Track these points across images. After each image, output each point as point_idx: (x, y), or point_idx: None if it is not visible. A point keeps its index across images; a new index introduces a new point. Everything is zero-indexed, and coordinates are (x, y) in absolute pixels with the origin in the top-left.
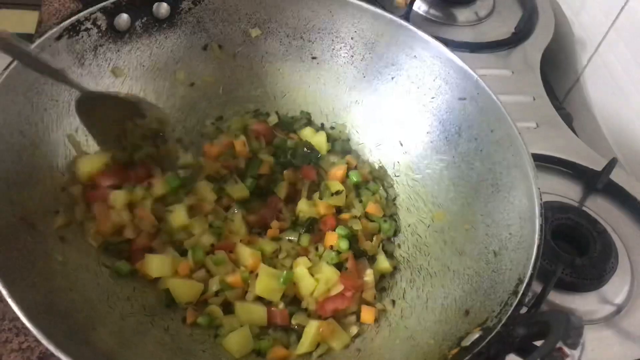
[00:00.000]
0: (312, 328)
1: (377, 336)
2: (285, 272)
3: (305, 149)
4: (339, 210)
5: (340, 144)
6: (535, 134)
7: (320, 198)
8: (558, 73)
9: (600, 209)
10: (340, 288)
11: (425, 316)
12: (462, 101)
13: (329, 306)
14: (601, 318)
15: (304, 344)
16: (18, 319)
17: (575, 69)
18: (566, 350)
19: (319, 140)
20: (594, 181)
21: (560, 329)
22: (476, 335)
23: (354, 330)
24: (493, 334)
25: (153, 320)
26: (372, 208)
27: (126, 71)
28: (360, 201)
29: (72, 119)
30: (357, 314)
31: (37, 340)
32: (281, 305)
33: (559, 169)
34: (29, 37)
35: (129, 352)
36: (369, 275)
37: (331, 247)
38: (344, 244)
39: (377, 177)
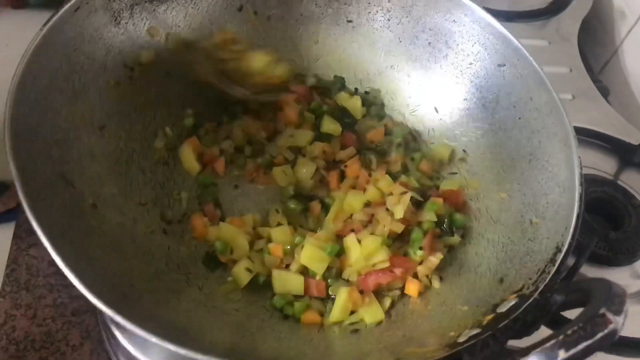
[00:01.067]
0: (343, 294)
1: (409, 302)
2: (331, 244)
3: (340, 114)
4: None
5: (375, 109)
6: (571, 105)
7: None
8: (595, 45)
9: (636, 183)
10: (386, 264)
11: (459, 283)
12: (501, 68)
13: (370, 280)
14: (633, 293)
15: (336, 311)
16: (52, 275)
17: (613, 41)
18: (609, 316)
19: (354, 105)
20: (630, 155)
21: (602, 296)
22: (512, 302)
23: (387, 302)
24: (530, 301)
25: (188, 279)
26: (425, 166)
27: (161, 31)
28: (412, 159)
29: (107, 77)
30: (402, 289)
31: (70, 296)
32: (318, 276)
33: (594, 141)
34: (61, 2)
35: (164, 309)
36: (437, 257)
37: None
38: (432, 217)
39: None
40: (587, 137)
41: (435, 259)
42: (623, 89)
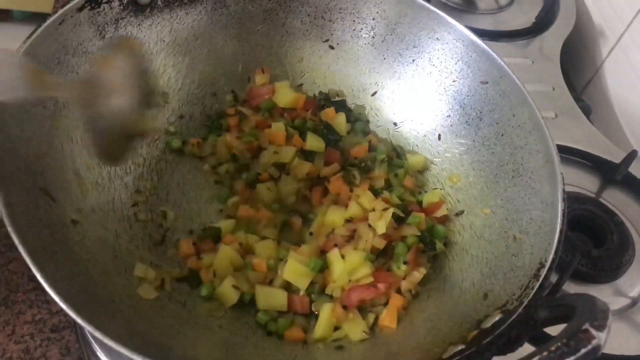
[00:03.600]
0: (326, 310)
1: None
2: (314, 259)
3: (324, 130)
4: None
5: (360, 125)
6: (553, 124)
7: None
8: (577, 64)
9: (617, 201)
10: (370, 279)
11: (443, 299)
12: (484, 85)
13: (354, 296)
14: (615, 310)
15: (320, 327)
16: (32, 291)
17: (594, 60)
18: (593, 332)
19: (339, 121)
20: (612, 173)
21: (585, 311)
22: (496, 318)
23: (371, 318)
24: (514, 316)
25: (170, 295)
26: (409, 182)
27: (146, 46)
28: (396, 175)
29: None
30: (386, 304)
31: (50, 312)
32: (302, 292)
33: (577, 160)
34: (45, 16)
35: (146, 324)
36: (420, 272)
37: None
38: (415, 231)
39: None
40: (569, 155)
41: (418, 274)
42: (605, 107)
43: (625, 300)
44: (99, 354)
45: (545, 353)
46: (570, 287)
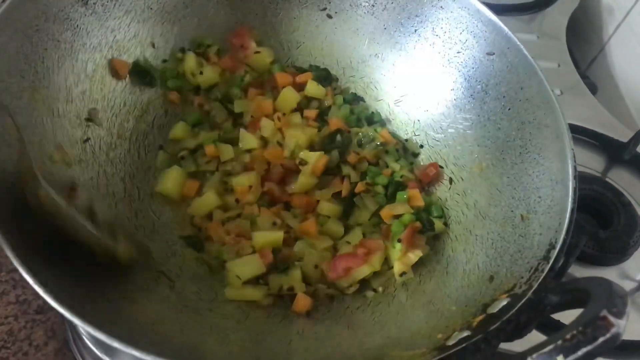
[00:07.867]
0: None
1: (393, 301)
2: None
3: None
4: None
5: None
6: (559, 101)
7: None
8: (582, 41)
9: (624, 181)
10: (350, 248)
11: (446, 281)
12: (491, 56)
13: (340, 264)
14: None
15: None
16: (15, 271)
17: (600, 37)
18: (611, 319)
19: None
20: (620, 152)
21: (602, 296)
22: (504, 302)
23: (369, 294)
24: (523, 301)
25: (158, 277)
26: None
27: (133, 13)
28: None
29: (74, 61)
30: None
31: (34, 293)
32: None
33: (582, 138)
34: None
35: (134, 308)
36: (416, 254)
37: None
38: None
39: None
40: (575, 133)
41: (413, 256)
42: (610, 85)
43: (632, 284)
44: (84, 336)
45: (560, 342)
46: (575, 270)
